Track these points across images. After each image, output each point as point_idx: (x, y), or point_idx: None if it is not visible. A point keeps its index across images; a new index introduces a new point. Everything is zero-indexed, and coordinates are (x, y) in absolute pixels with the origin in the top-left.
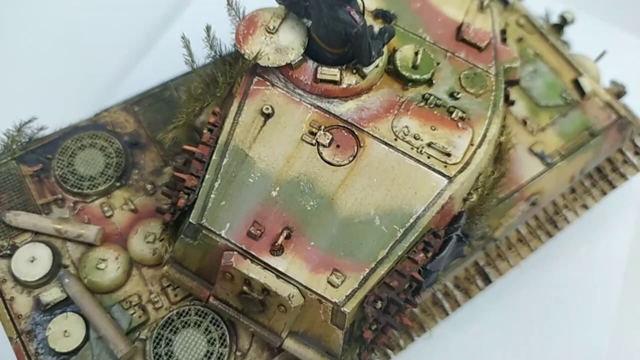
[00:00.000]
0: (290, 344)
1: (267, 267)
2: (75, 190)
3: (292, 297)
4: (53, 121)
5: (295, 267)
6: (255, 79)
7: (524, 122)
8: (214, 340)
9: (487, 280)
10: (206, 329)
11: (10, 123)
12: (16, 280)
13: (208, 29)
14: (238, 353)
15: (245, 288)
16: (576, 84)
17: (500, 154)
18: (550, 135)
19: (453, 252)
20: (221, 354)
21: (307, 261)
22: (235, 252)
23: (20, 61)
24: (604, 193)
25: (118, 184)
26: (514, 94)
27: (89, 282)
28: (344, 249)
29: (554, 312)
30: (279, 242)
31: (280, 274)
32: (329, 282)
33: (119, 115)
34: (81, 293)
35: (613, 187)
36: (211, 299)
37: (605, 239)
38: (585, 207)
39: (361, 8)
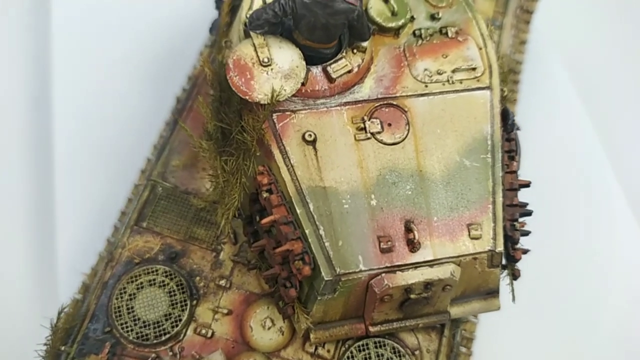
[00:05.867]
0: (456, 311)
1: (417, 265)
2: (163, 338)
3: (454, 272)
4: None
5: (439, 248)
6: (275, 116)
7: None
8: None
9: None
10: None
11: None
12: None
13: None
14: (417, 352)
15: (411, 296)
16: None
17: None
18: (481, 3)
19: None
20: None
21: (443, 235)
22: (382, 274)
23: None
24: (528, 22)
25: (194, 302)
26: None
27: None
28: (461, 203)
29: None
30: (416, 238)
31: (432, 262)
32: (472, 238)
33: (135, 242)
34: None
35: (530, 12)
36: (370, 328)
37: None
38: (523, 43)
39: None
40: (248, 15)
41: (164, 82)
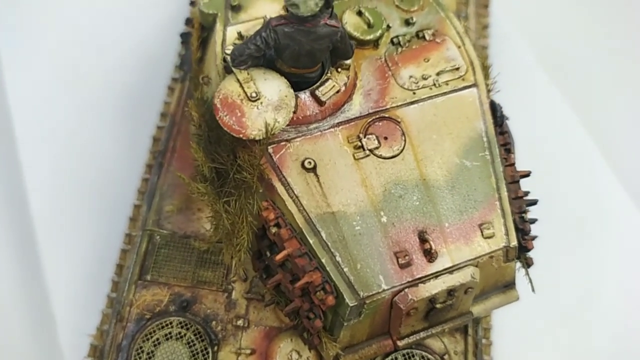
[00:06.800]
0: (478, 310)
1: (437, 274)
2: None
3: (474, 275)
4: None
5: (455, 253)
6: (271, 149)
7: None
8: None
9: None
10: None
11: None
12: None
13: None
14: (445, 357)
15: (437, 305)
16: None
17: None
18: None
19: None
20: None
21: (458, 240)
22: (405, 290)
23: None
24: (486, 6)
25: (215, 348)
26: None
27: None
28: (469, 204)
29: None
30: (432, 248)
31: (451, 269)
32: (485, 237)
33: (142, 297)
34: None
35: None
36: (398, 342)
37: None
38: (486, 27)
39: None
40: (226, 51)
41: (135, 122)
